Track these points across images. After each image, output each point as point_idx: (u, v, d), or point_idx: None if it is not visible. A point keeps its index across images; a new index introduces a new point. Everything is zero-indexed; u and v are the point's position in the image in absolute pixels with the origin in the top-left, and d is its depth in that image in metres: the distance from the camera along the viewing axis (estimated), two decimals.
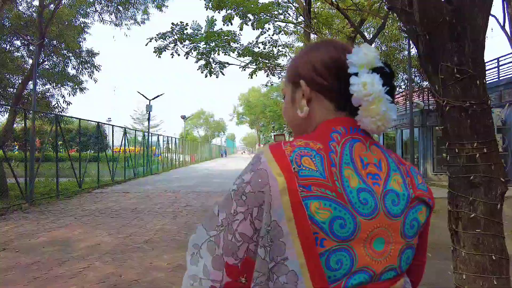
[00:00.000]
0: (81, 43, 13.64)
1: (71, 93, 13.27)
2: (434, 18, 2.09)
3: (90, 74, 13.28)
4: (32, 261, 4.49)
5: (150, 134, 21.78)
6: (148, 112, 22.81)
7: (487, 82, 2.73)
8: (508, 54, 12.29)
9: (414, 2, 2.14)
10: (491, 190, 2.12)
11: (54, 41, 13.10)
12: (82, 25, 13.19)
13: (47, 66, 13.41)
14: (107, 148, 16.07)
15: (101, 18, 13.46)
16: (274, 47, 8.12)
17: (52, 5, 11.79)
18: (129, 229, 6.29)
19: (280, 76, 9.21)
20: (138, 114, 45.69)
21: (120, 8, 12.27)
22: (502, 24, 6.11)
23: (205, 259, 0.67)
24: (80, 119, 12.01)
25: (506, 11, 5.83)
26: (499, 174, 2.11)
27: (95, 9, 13.24)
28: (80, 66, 13.23)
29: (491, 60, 13.34)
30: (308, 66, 0.78)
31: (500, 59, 13.14)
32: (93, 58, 13.30)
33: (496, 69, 13.22)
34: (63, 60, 13.20)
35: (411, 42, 1.97)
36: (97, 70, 13.38)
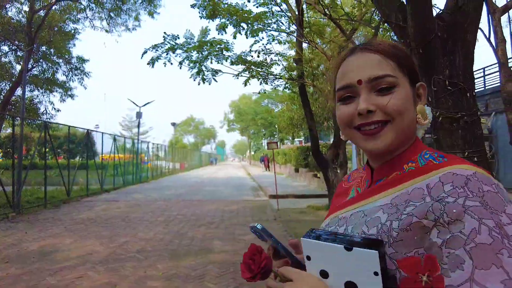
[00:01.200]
0: (71, 49, 13.57)
1: (61, 100, 13.12)
2: (427, 33, 2.19)
3: (80, 81, 13.20)
4: (22, 272, 4.40)
5: (139, 141, 21.60)
6: (138, 119, 22.67)
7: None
8: (493, 64, 12.69)
9: (408, 17, 2.24)
10: None
11: (43, 47, 12.98)
12: (73, 31, 13.10)
13: (35, 72, 13.25)
14: (96, 156, 15.86)
15: (92, 25, 13.41)
16: (267, 55, 8.20)
17: (42, 11, 11.71)
18: (121, 238, 6.21)
19: (273, 84, 9.30)
20: (127, 121, 45.28)
21: (112, 15, 12.25)
22: (487, 36, 6.33)
23: None
24: (69, 126, 11.87)
25: (491, 24, 6.05)
26: None
27: (86, 15, 13.18)
28: (70, 72, 13.12)
29: (477, 70, 13.77)
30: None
31: (486, 69, 13.56)
32: (83, 65, 13.22)
33: (482, 78, 13.63)
34: (53, 66, 13.06)
35: None
36: (87, 76, 13.29)
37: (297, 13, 8.01)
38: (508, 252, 0.52)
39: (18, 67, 12.51)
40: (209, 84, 8.41)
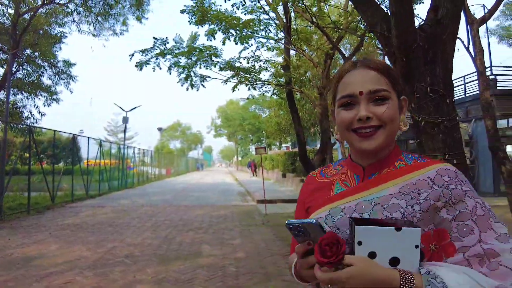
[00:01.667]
0: (56, 53, 13.39)
1: (45, 104, 12.91)
2: (410, 43, 2.33)
3: (66, 85, 13.00)
4: (8, 278, 4.33)
5: (125, 147, 21.36)
6: (124, 124, 22.43)
7: (455, 99, 3.00)
8: (473, 72, 13.15)
9: (392, 28, 2.37)
10: None
11: (28, 50, 12.78)
12: (59, 35, 12.95)
13: (19, 76, 13.02)
14: (81, 161, 15.60)
15: (79, 28, 13.28)
16: (256, 62, 8.32)
17: (27, 14, 11.55)
18: (108, 243, 6.16)
19: (261, 90, 9.41)
20: (112, 126, 44.58)
21: (100, 19, 12.17)
22: (466, 46, 6.62)
23: None
24: (55, 130, 11.67)
25: (470, 35, 6.35)
26: None
27: (73, 19, 13.06)
28: (56, 76, 12.93)
29: (458, 78, 14.23)
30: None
31: (466, 77, 14.05)
32: (69, 68, 13.04)
33: (463, 86, 14.11)
34: (38, 70, 12.85)
35: (389, 63, 2.19)
36: (73, 80, 13.11)
37: (285, 20, 8.19)
38: (493, 219, 0.77)
39: (2, 70, 12.29)
40: (197, 90, 8.46)
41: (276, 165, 23.33)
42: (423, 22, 2.49)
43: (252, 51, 8.27)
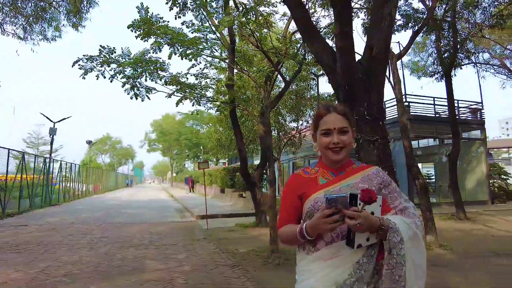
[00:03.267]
0: None
1: None
2: (351, 74, 2.81)
3: None
4: None
5: (52, 160, 19.55)
6: (51, 136, 20.55)
7: None
8: (392, 99, 14.98)
9: (337, 59, 2.84)
10: None
11: None
12: None
13: None
14: None
15: (2, 29, 12.11)
16: (203, 79, 8.52)
17: None
18: (40, 263, 5.68)
19: (206, 106, 9.60)
20: (32, 138, 40.16)
21: (30, 21, 11.28)
22: (388, 77, 7.68)
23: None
24: None
25: (390, 67, 7.42)
26: None
27: None
28: None
29: None
30: None
31: (386, 103, 15.93)
32: None
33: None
34: None
35: (333, 90, 2.60)
36: None
37: (229, 42, 8.59)
38: (401, 192, 1.53)
39: None
40: (142, 100, 8.35)
41: (214, 180, 23.34)
42: (361, 57, 3.02)
43: (200, 68, 8.45)
